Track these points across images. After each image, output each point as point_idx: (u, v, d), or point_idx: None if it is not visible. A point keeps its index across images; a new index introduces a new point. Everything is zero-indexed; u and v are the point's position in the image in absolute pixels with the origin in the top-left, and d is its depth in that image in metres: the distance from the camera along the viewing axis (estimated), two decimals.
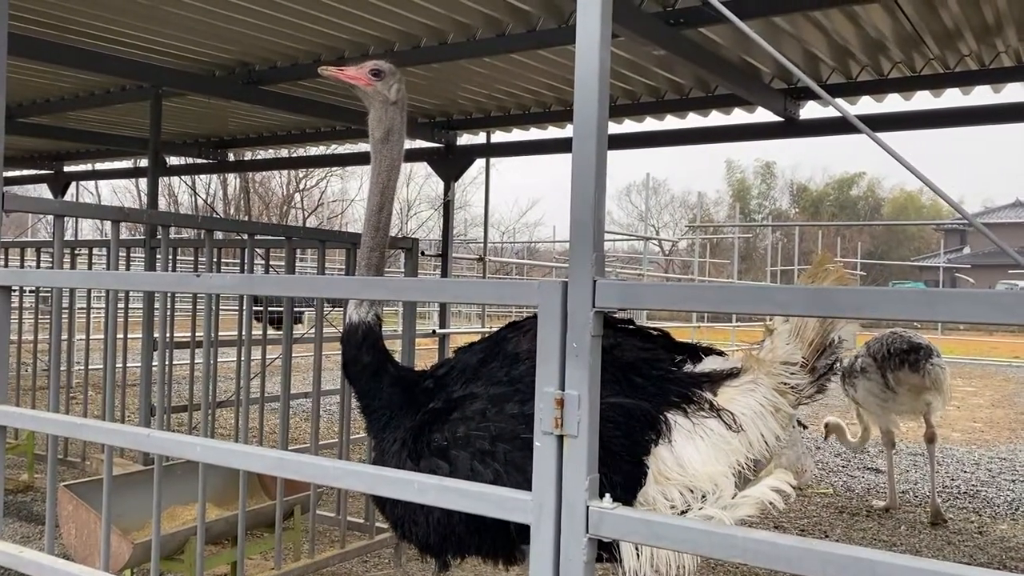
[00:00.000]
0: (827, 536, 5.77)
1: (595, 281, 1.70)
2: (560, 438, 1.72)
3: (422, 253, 12.19)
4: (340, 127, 8.64)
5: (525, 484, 1.77)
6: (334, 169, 37.66)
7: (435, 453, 2.49)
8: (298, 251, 7.79)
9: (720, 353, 2.65)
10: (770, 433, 2.42)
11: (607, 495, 1.71)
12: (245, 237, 4.57)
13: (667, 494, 2.30)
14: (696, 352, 2.66)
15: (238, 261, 6.59)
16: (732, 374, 2.49)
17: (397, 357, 4.94)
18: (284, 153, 10.81)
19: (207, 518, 3.85)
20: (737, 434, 2.37)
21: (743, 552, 1.54)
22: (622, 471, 2.29)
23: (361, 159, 10.94)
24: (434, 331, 8.00)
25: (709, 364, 2.57)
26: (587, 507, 1.69)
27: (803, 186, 57.29)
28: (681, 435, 2.35)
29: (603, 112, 1.70)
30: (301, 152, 12.35)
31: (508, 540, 2.48)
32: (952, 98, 6.43)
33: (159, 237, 3.81)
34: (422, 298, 1.86)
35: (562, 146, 7.95)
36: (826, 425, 6.86)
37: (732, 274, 23.97)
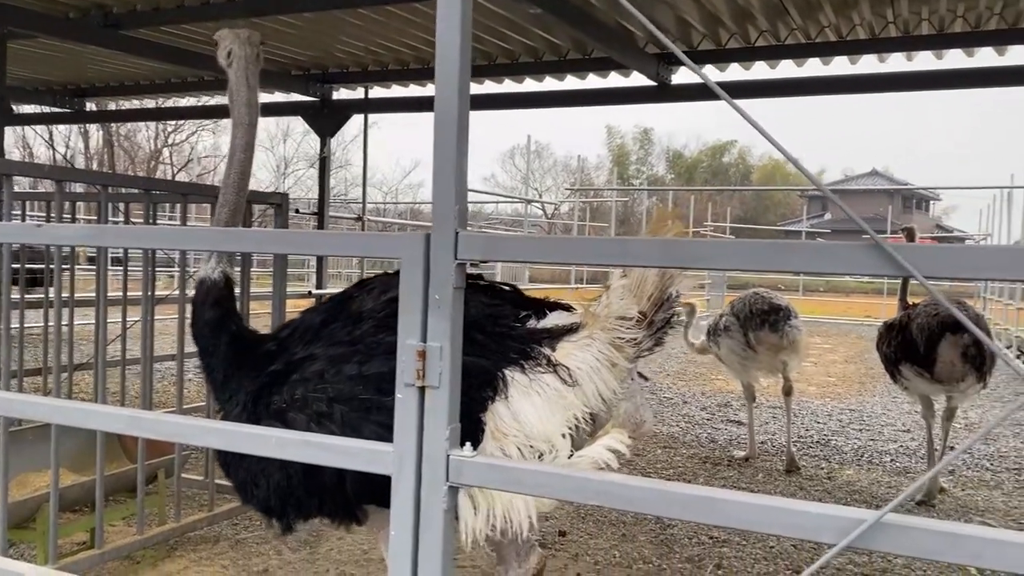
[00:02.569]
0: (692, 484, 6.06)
1: (457, 233, 1.70)
2: (422, 389, 1.73)
3: (296, 211, 11.88)
4: (209, 77, 8.24)
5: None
6: (205, 122, 35.89)
7: (273, 416, 2.47)
8: (161, 207, 7.41)
9: (568, 308, 2.70)
10: (606, 387, 2.50)
11: (468, 444, 1.74)
12: (100, 190, 4.31)
13: (505, 450, 2.34)
14: (542, 308, 2.69)
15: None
16: (571, 329, 2.54)
17: (268, 318, 4.83)
18: (151, 104, 10.23)
19: (62, 484, 3.67)
20: (573, 389, 2.43)
21: (596, 494, 1.60)
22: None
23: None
24: (310, 292, 7.84)
25: (553, 320, 2.61)
26: (447, 456, 1.71)
27: (678, 153, 59.07)
28: (518, 391, 2.39)
29: (464, 62, 1.69)
30: (170, 104, 11.73)
31: (346, 501, 2.49)
32: (814, 67, 6.76)
33: (4, 189, 3.54)
34: (283, 250, 1.82)
35: None
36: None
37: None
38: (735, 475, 6.40)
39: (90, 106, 10.13)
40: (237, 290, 2.88)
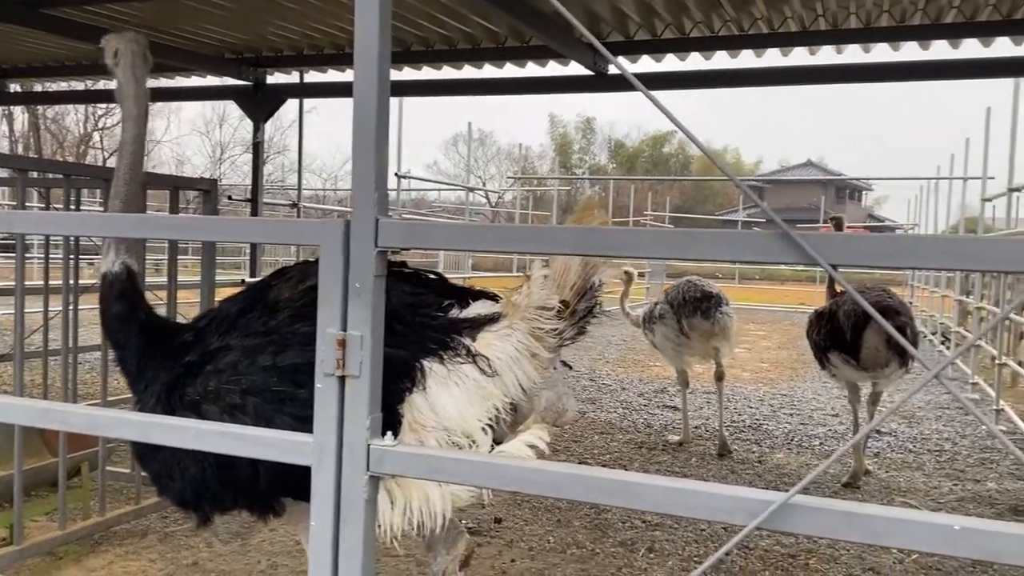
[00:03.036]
0: (626, 469, 6.14)
1: (377, 220, 1.68)
2: (342, 379, 1.71)
3: (229, 198, 11.66)
4: None
5: None
6: None
7: (187, 408, 2.45)
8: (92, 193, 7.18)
9: (493, 298, 2.69)
10: (526, 377, 2.50)
11: (388, 433, 1.72)
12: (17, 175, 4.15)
13: (424, 442, 2.33)
14: (467, 297, 2.69)
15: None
16: (492, 319, 2.54)
17: (195, 307, 4.73)
18: (80, 87, 9.88)
19: None
20: (492, 379, 2.43)
21: (514, 481, 1.61)
22: None
23: (168, 95, 10.20)
24: (243, 280, 7.68)
25: (476, 309, 2.61)
26: (368, 446, 1.70)
27: (620, 142, 59.52)
28: (436, 382, 2.38)
29: (384, 48, 1.67)
30: (100, 86, 11.34)
31: (261, 493, 2.47)
32: (747, 59, 6.87)
33: None
34: (190, 236, 1.77)
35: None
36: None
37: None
38: (669, 459, 6.51)
39: (14, 87, 9.73)
40: (163, 279, 2.85)
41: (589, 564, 4.32)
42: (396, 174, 11.08)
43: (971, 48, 6.20)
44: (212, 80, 8.51)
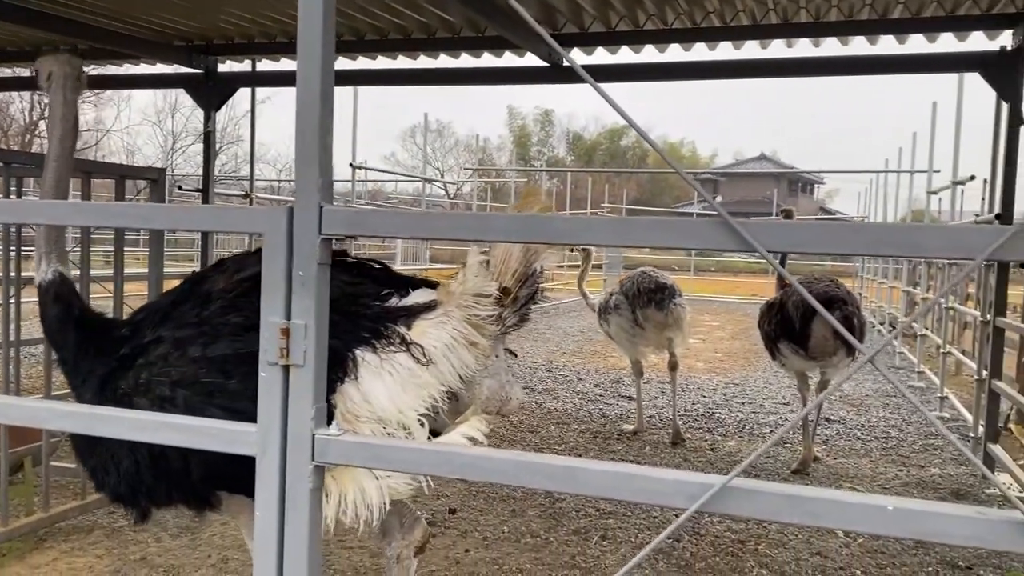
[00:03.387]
0: (581, 458, 6.19)
1: (321, 207, 1.67)
2: (286, 368, 1.70)
3: (179, 188, 11.45)
4: (84, 46, 7.80)
5: None
6: (85, 94, 33.93)
7: (119, 401, 2.44)
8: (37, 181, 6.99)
9: (434, 286, 2.69)
10: (463, 365, 2.49)
11: (334, 423, 1.71)
12: None
13: (358, 432, 2.32)
14: (407, 285, 2.67)
15: None
16: (429, 307, 2.53)
17: (143, 299, 4.64)
18: (26, 73, 9.59)
19: None
20: (428, 368, 2.42)
21: (461, 468, 1.61)
22: None
23: (117, 83, 9.95)
24: (194, 272, 7.56)
25: (415, 297, 2.59)
26: (313, 435, 1.69)
27: (578, 135, 59.74)
28: (369, 371, 2.37)
29: (328, 32, 1.65)
30: None
31: (194, 487, 2.47)
32: (700, 52, 6.92)
33: None
34: (131, 224, 1.73)
35: (337, 79, 7.68)
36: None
37: None
38: (624, 448, 6.57)
39: None
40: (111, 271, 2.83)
41: (543, 552, 4.35)
42: (351, 165, 10.98)
43: (917, 43, 6.35)
44: (162, 68, 8.33)
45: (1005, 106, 5.83)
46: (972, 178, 8.53)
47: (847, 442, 7.03)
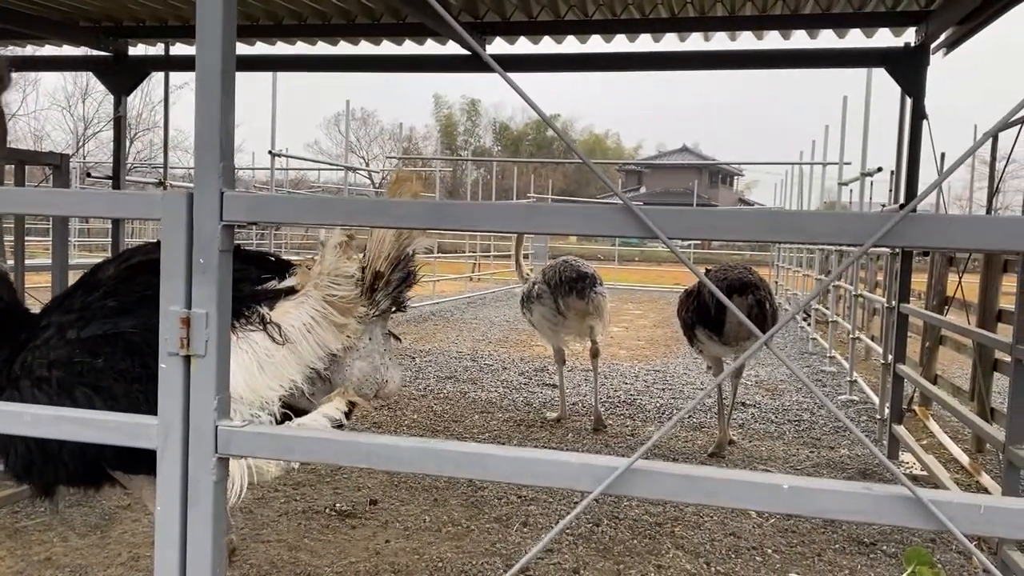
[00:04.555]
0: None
1: (223, 193, 1.63)
2: (187, 358, 1.65)
3: (88, 175, 11.02)
4: None
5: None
6: None
7: (11, 384, 2.50)
8: None
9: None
10: (322, 345, 2.54)
11: (236, 413, 1.68)
12: None
13: None
14: (285, 269, 2.74)
15: None
16: (294, 289, 2.59)
17: (47, 289, 4.45)
18: None
19: None
20: (283, 347, 2.46)
21: (367, 456, 1.60)
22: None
23: (21, 65, 9.48)
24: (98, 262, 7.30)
25: (289, 281, 2.66)
26: (216, 427, 1.65)
27: (505, 125, 59.83)
28: (247, 352, 2.42)
29: (229, 9, 1.61)
30: None
31: (90, 468, 2.53)
32: (620, 44, 7.00)
33: None
34: (26, 210, 1.65)
35: (253, 64, 7.51)
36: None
37: None
38: (547, 435, 6.63)
39: None
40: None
41: (464, 541, 4.36)
42: (270, 152, 10.75)
43: (829, 39, 6.55)
44: (70, 50, 7.99)
45: (909, 100, 6.08)
46: (879, 170, 8.87)
47: (762, 426, 7.24)
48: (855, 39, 6.54)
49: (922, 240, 1.35)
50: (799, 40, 6.66)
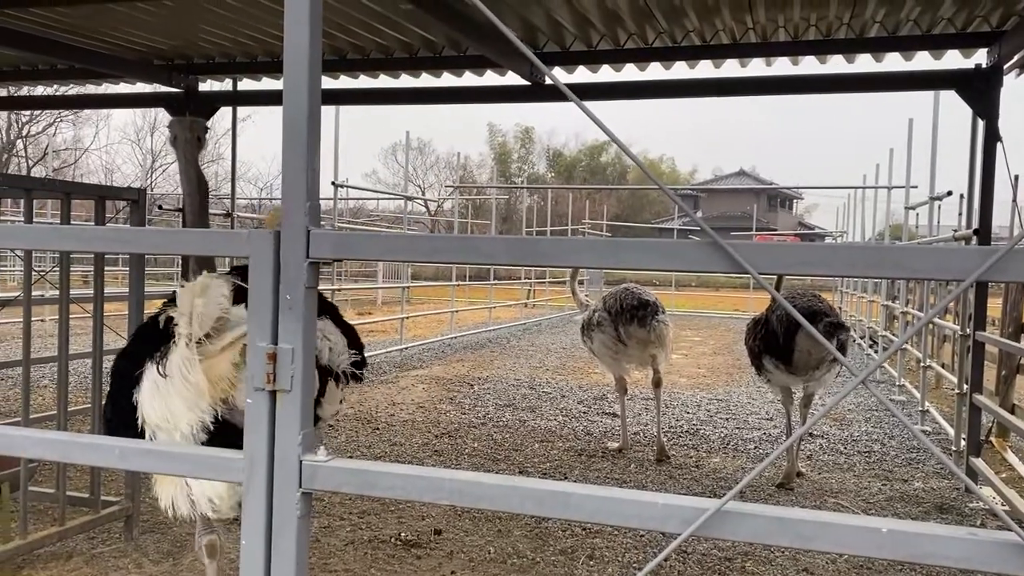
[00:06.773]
0: (566, 477, 6.17)
1: (309, 231, 1.66)
2: (273, 393, 1.68)
3: (159, 208, 11.35)
4: (63, 66, 7.76)
5: None
6: (64, 113, 33.74)
7: None
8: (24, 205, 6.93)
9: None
10: (197, 383, 2.63)
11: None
12: None
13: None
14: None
15: None
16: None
17: (125, 320, 4.59)
18: (3, 92, 9.53)
19: None
20: (170, 380, 2.60)
21: (451, 494, 1.59)
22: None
23: (96, 102, 9.87)
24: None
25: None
26: (300, 461, 1.66)
27: (558, 151, 60.04)
28: (147, 381, 2.65)
29: (315, 56, 1.65)
30: (24, 92, 10.94)
31: None
32: (680, 71, 6.99)
33: None
34: (114, 249, 1.71)
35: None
36: None
37: (492, 234, 24.61)
38: (609, 466, 6.55)
39: None
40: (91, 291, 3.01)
41: (530, 573, 4.32)
42: (333, 183, 10.95)
43: (894, 61, 6.44)
44: (142, 87, 8.30)
45: (981, 123, 5.92)
46: (949, 193, 8.64)
47: (830, 456, 7.04)
48: (922, 61, 6.41)
49: None
50: (864, 63, 6.56)
